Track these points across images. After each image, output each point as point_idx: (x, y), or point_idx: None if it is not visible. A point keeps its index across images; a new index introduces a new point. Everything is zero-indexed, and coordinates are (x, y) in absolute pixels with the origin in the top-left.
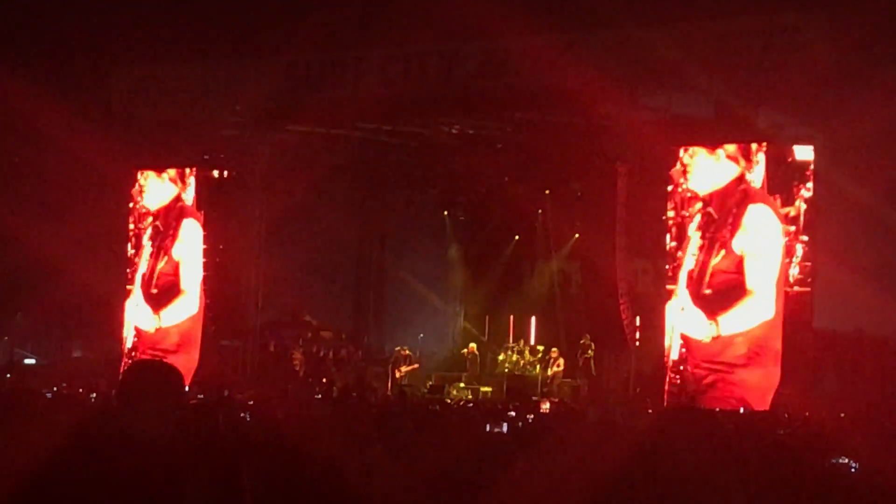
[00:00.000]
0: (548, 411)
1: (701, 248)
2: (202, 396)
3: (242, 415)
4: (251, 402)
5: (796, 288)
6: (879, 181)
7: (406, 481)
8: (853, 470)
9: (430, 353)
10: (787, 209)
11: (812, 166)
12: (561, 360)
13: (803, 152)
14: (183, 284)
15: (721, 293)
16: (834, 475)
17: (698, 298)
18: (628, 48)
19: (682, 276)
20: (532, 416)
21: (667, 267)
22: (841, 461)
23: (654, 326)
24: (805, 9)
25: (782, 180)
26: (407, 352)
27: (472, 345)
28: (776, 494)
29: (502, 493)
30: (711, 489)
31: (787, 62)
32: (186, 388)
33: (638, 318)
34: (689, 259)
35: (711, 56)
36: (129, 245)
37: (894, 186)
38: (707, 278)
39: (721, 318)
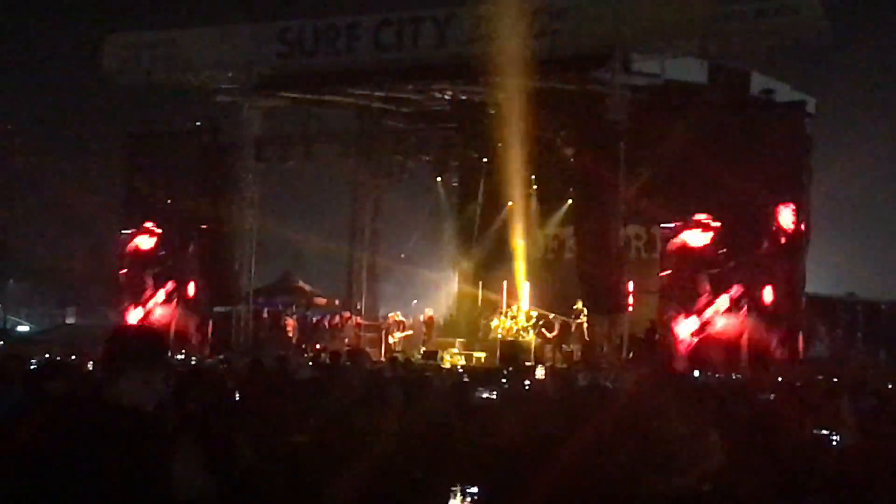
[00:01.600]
0: (543, 377)
1: None
2: (195, 362)
3: (233, 381)
4: (242, 368)
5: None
6: (872, 146)
7: (394, 447)
8: (833, 443)
9: (424, 319)
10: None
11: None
12: (556, 325)
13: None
14: None
15: None
16: (812, 446)
17: None
18: (621, 14)
19: None
20: (528, 382)
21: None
22: (822, 433)
23: (647, 291)
24: None
25: (777, 144)
26: (400, 317)
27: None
28: (754, 460)
29: (488, 458)
30: (691, 451)
31: (780, 27)
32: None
33: (631, 283)
34: None
35: (705, 22)
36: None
37: (887, 152)
38: None
39: None
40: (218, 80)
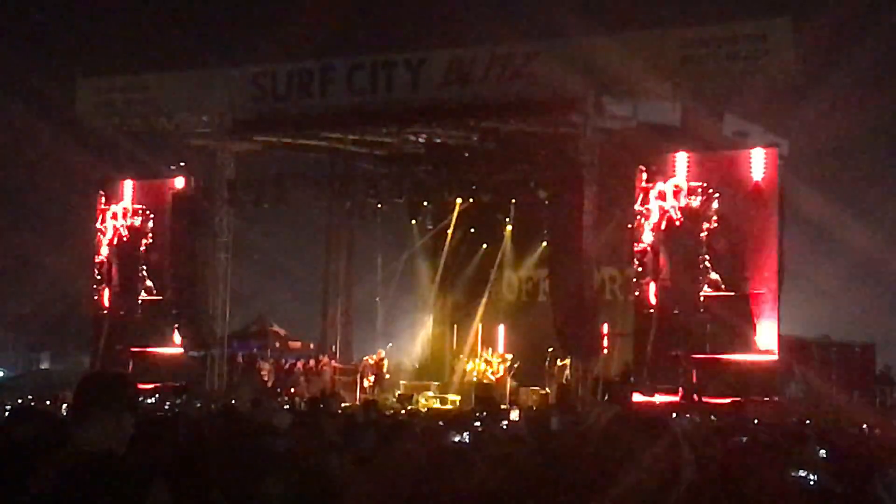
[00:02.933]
0: (518, 419)
1: None
2: (168, 406)
3: (208, 425)
4: (217, 413)
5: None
6: (844, 187)
7: (369, 491)
8: (811, 483)
9: (399, 362)
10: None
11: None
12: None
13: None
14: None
15: None
16: (789, 488)
17: None
18: (594, 57)
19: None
20: (506, 422)
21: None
22: (800, 474)
23: (621, 333)
24: (769, 17)
25: (748, 188)
26: (376, 358)
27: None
28: (728, 500)
29: (461, 500)
30: (658, 492)
31: (752, 70)
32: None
33: (606, 325)
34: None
35: (677, 64)
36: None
37: (858, 193)
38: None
39: None
40: (191, 124)
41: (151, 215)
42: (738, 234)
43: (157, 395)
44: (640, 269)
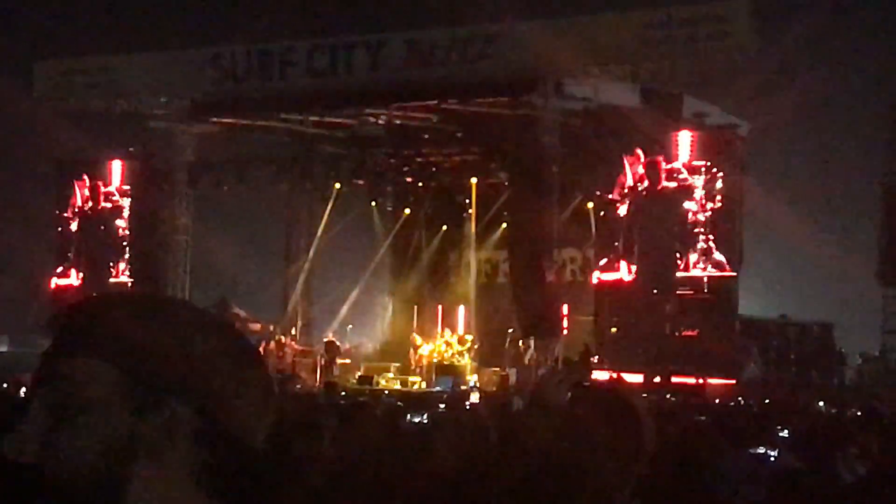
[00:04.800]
0: (478, 401)
1: None
2: None
3: None
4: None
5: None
6: (802, 168)
7: (329, 472)
8: (772, 460)
9: (360, 344)
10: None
11: (739, 152)
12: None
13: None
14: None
15: None
16: (748, 466)
17: None
18: (554, 39)
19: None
20: (469, 404)
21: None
22: (759, 452)
23: (582, 314)
24: None
25: (708, 167)
26: (337, 340)
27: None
28: (685, 480)
29: (420, 483)
30: (619, 471)
31: (710, 50)
32: None
33: (566, 307)
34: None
35: (637, 46)
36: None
37: (817, 174)
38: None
39: None
40: (151, 106)
41: (113, 197)
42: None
43: None
44: (607, 248)
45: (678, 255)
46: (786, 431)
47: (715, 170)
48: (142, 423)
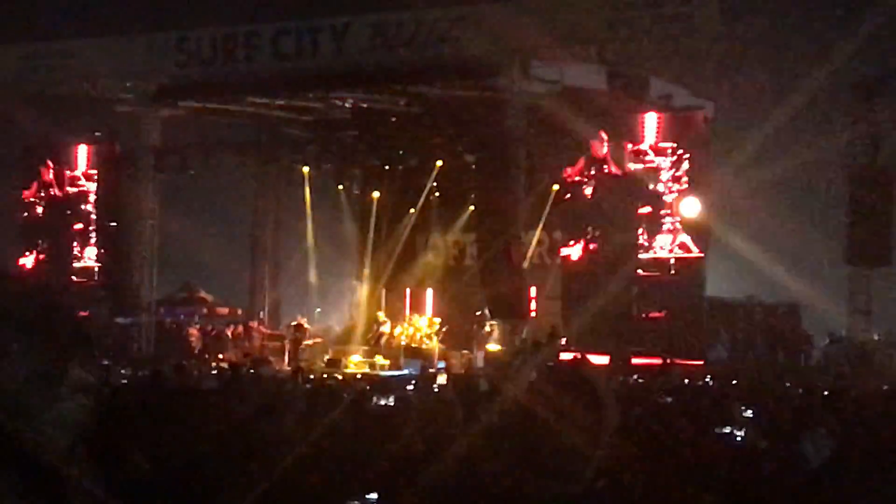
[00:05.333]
0: (445, 383)
1: None
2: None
3: (134, 392)
4: (144, 378)
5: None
6: (768, 151)
7: (295, 456)
8: (738, 440)
9: (327, 327)
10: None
11: (705, 134)
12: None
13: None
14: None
15: None
16: (713, 445)
17: None
18: (519, 20)
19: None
20: (437, 386)
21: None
22: (724, 431)
23: (549, 297)
24: None
25: (674, 149)
26: (305, 323)
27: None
28: (652, 457)
29: (387, 464)
30: (582, 453)
31: (677, 32)
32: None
33: (533, 289)
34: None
35: (603, 28)
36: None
37: (783, 155)
38: None
39: None
40: (116, 91)
41: (79, 182)
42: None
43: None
44: (573, 231)
45: (646, 236)
46: (750, 412)
47: (681, 151)
48: None
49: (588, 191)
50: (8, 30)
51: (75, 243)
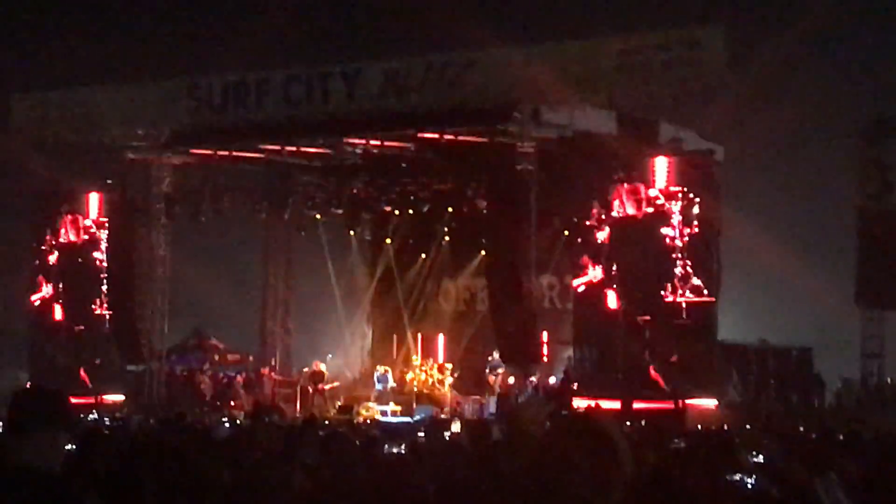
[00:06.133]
0: (459, 431)
1: None
2: (108, 422)
3: (146, 440)
4: (156, 427)
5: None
6: (778, 192)
7: (310, 502)
8: (749, 487)
9: (339, 373)
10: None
11: (715, 177)
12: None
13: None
14: None
15: None
16: (724, 493)
17: None
18: (530, 66)
19: None
20: (448, 433)
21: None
22: (735, 479)
23: (561, 341)
24: (702, 24)
25: (685, 193)
26: (323, 368)
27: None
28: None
29: None
30: (596, 499)
31: (686, 76)
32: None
33: (545, 334)
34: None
35: (612, 73)
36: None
37: (793, 198)
38: None
39: None
40: (127, 138)
41: (90, 229)
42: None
43: (95, 410)
44: (586, 275)
45: (657, 280)
46: (760, 457)
47: (692, 195)
48: None
49: (601, 235)
50: (21, 78)
51: (89, 291)
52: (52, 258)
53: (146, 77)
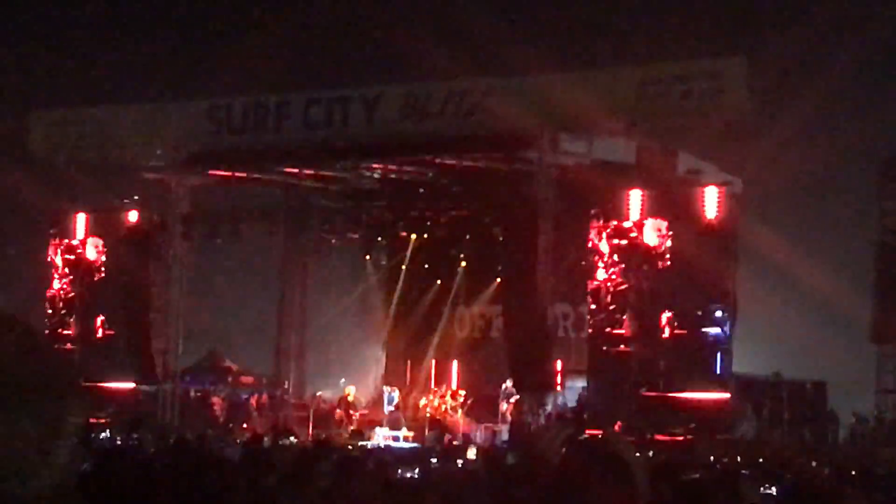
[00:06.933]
0: (474, 458)
1: None
2: (120, 441)
3: (161, 459)
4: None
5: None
6: (797, 224)
7: None
8: None
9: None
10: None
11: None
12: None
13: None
14: None
15: None
16: None
17: None
18: (549, 93)
19: None
20: (461, 461)
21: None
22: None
23: (575, 370)
24: (724, 55)
25: (702, 226)
26: (351, 395)
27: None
28: None
29: None
30: None
31: (706, 108)
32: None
33: (559, 362)
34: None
35: (632, 102)
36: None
37: (811, 230)
38: None
39: None
40: (146, 158)
41: (105, 249)
42: (694, 272)
43: (109, 429)
44: (594, 306)
45: (672, 313)
46: (773, 489)
47: (666, 228)
48: None
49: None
50: (39, 96)
51: (101, 311)
52: (65, 278)
53: (166, 97)
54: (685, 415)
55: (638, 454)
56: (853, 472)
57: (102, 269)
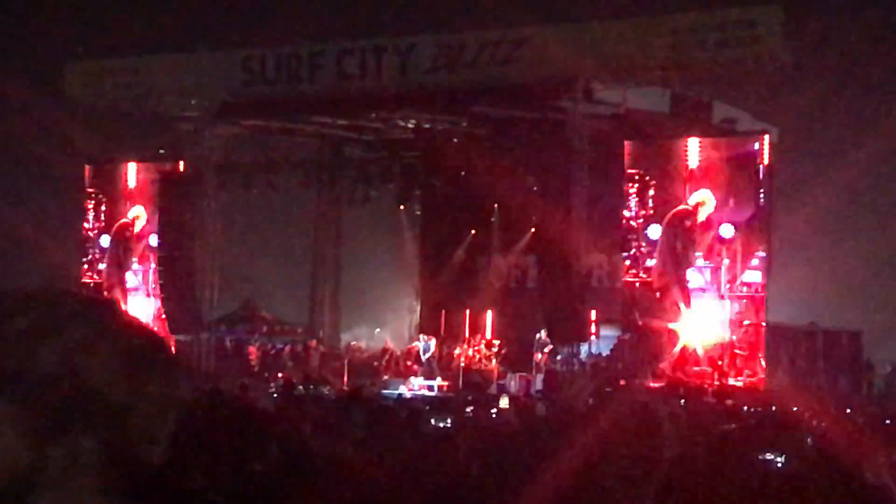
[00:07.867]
0: (507, 407)
1: None
2: None
3: (191, 409)
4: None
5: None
6: (834, 176)
7: (354, 475)
8: (779, 465)
9: (386, 348)
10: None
11: (767, 160)
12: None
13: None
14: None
15: None
16: (757, 470)
17: None
18: (583, 43)
19: None
20: (495, 410)
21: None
22: (768, 457)
23: (609, 320)
24: (759, 4)
25: (739, 177)
26: (392, 346)
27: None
28: (704, 484)
29: (441, 484)
30: (638, 478)
31: (742, 57)
32: None
33: (594, 312)
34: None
35: (667, 51)
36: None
37: (849, 181)
38: None
39: None
40: (180, 108)
41: (140, 198)
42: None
43: None
44: (630, 253)
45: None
46: (809, 439)
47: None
48: (43, 454)
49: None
50: (73, 47)
51: (137, 262)
52: (98, 227)
53: (200, 48)
54: (718, 360)
55: (672, 406)
56: (887, 422)
57: (139, 218)
